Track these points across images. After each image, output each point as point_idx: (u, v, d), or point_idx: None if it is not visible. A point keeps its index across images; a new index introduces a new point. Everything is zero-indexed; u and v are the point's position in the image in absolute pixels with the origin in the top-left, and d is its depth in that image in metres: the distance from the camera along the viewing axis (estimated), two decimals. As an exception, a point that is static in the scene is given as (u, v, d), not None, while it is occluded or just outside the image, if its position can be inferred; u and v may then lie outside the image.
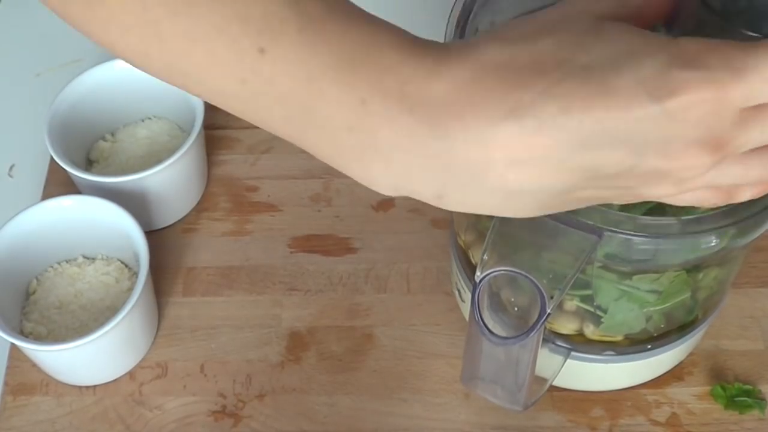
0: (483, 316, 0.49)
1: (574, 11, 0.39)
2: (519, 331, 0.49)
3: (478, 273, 0.48)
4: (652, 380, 0.66)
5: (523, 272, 0.47)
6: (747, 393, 0.65)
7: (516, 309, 0.52)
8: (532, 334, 0.48)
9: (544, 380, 0.59)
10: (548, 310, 0.47)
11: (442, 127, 0.37)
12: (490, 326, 0.49)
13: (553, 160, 0.37)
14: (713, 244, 0.49)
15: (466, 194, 0.39)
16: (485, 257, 0.48)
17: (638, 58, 0.36)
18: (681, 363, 0.67)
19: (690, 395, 0.66)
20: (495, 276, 0.48)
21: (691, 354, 0.67)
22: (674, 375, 0.67)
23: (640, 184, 0.38)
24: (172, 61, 0.40)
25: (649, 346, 0.60)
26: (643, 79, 0.35)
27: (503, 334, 0.50)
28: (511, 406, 0.55)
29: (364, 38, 0.38)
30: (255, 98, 0.39)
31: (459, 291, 0.66)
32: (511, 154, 0.37)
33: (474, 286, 0.49)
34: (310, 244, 0.74)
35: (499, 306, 0.53)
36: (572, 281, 0.47)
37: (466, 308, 0.67)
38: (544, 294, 0.47)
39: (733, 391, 0.65)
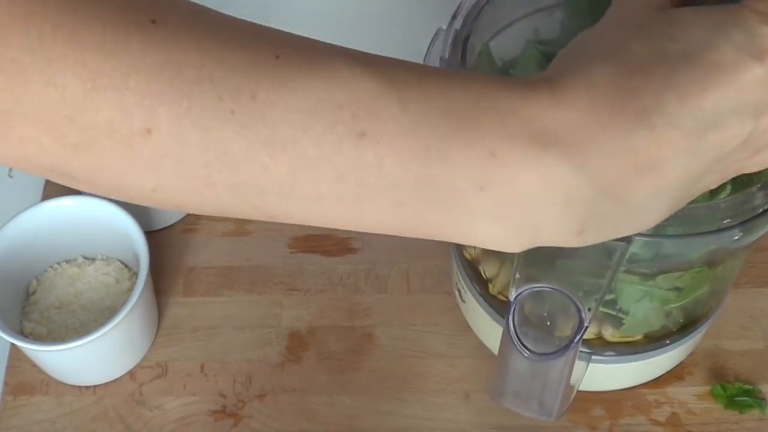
0: (519, 335, 0.48)
1: (633, 10, 0.39)
2: (544, 341, 0.48)
3: (512, 291, 0.48)
4: (652, 380, 0.66)
5: (558, 288, 0.47)
6: (747, 393, 0.65)
7: (541, 319, 0.51)
8: (571, 348, 0.48)
9: (571, 387, 0.58)
10: (586, 324, 0.47)
11: (579, 155, 0.36)
12: (524, 341, 0.49)
13: (683, 152, 0.36)
14: (737, 237, 0.49)
15: (605, 221, 0.38)
16: (517, 276, 0.47)
17: (724, 29, 0.36)
18: (681, 363, 0.67)
19: (690, 395, 0.66)
20: (528, 293, 0.48)
21: (691, 354, 0.67)
22: (674, 375, 0.67)
23: (752, 153, 0.39)
24: (246, 181, 0.34)
25: (650, 347, 0.60)
26: (739, 46, 0.36)
27: (527, 344, 0.49)
28: (546, 418, 0.54)
29: (468, 89, 0.35)
30: (356, 194, 0.35)
31: (459, 291, 0.66)
32: (646, 159, 0.36)
33: (509, 306, 0.48)
34: (310, 244, 0.74)
35: (522, 319, 0.52)
36: (607, 291, 0.47)
37: (466, 308, 0.66)
38: (581, 308, 0.47)
39: (733, 390, 0.65)
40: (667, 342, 0.60)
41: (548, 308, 0.49)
